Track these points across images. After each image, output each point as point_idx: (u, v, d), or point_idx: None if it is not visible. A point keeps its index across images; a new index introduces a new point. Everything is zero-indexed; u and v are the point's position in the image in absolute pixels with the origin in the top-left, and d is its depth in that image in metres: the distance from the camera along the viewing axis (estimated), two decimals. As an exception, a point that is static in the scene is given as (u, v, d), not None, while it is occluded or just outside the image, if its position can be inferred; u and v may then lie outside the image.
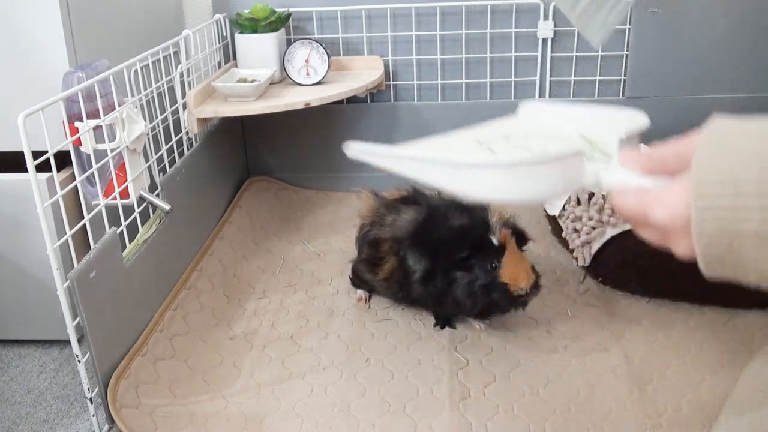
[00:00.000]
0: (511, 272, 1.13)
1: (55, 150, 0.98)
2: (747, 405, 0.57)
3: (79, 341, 1.02)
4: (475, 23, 1.77)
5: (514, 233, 1.16)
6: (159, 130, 1.39)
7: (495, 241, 1.14)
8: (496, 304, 1.16)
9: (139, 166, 1.21)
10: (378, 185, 1.90)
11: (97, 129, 1.09)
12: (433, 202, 1.27)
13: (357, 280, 1.38)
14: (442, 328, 1.26)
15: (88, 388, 1.04)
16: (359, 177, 1.91)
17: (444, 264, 1.17)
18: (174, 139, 1.46)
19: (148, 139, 1.31)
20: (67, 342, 1.29)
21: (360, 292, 1.38)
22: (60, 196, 1.00)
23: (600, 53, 1.77)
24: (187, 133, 1.52)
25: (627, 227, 1.32)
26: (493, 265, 1.13)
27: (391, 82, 1.84)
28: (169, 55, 1.49)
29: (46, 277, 1.23)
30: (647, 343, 1.20)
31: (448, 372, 1.15)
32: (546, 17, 1.74)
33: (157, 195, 1.28)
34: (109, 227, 1.11)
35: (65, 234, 1.01)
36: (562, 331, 1.24)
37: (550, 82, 1.80)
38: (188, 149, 1.52)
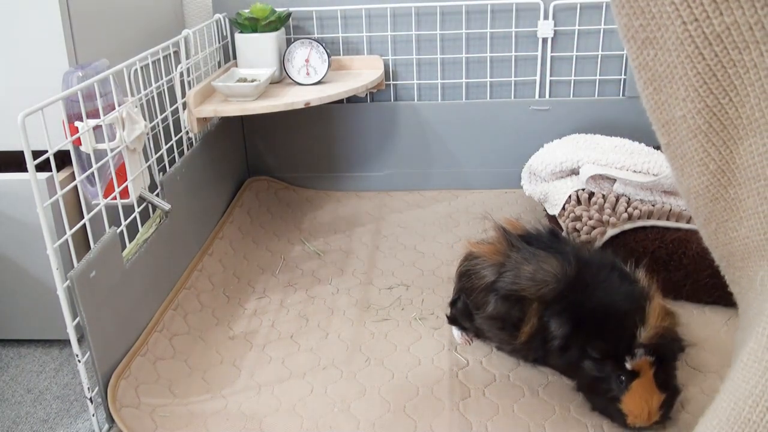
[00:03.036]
0: (634, 404, 0.97)
1: (55, 150, 0.98)
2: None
3: (79, 341, 1.02)
4: (475, 23, 1.77)
5: (660, 357, 0.97)
6: (159, 130, 1.39)
7: (628, 365, 0.96)
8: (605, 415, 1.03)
9: (139, 165, 1.21)
10: (379, 185, 1.91)
11: (97, 129, 1.09)
12: (582, 254, 1.09)
13: (461, 319, 1.20)
14: None
15: (88, 388, 1.04)
16: (359, 177, 1.91)
17: (582, 338, 1.02)
18: (174, 139, 1.46)
19: (148, 138, 1.31)
20: (67, 342, 1.29)
21: (459, 334, 1.22)
22: (60, 196, 1.00)
23: (600, 53, 1.77)
24: (187, 132, 1.52)
25: (627, 227, 1.32)
26: (621, 380, 0.97)
27: (391, 82, 1.84)
28: (169, 54, 1.49)
29: (46, 277, 1.23)
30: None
31: (448, 372, 1.15)
32: (546, 17, 1.74)
33: (157, 195, 1.28)
34: (109, 227, 1.11)
35: (65, 234, 1.01)
36: (562, 331, 1.24)
37: (550, 81, 1.80)
38: (188, 149, 1.52)
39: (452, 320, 1.23)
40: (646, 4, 0.50)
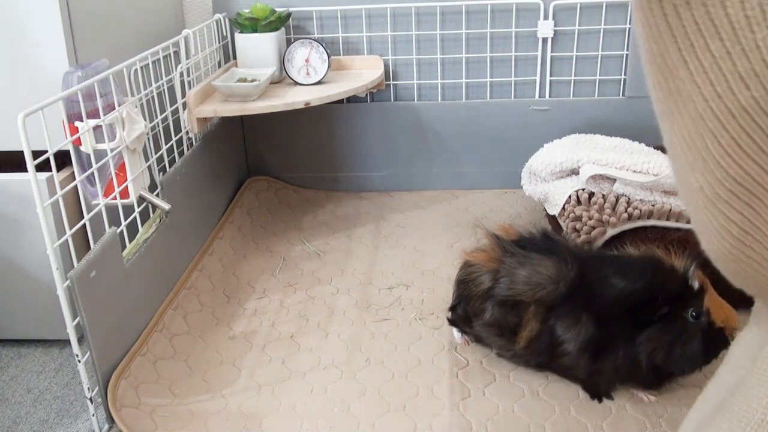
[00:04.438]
0: (722, 313, 0.97)
1: (55, 150, 0.98)
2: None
3: (79, 341, 1.02)
4: (475, 23, 1.77)
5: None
6: (159, 130, 1.39)
7: (696, 284, 0.96)
8: (710, 356, 1.00)
9: (139, 165, 1.21)
10: (379, 185, 1.91)
11: (97, 129, 1.09)
12: (576, 252, 1.07)
13: (461, 324, 1.21)
14: (600, 401, 1.07)
15: (88, 388, 1.04)
16: (359, 177, 1.91)
17: (620, 331, 0.99)
18: (174, 139, 1.46)
19: (148, 138, 1.31)
20: (67, 342, 1.29)
21: (459, 334, 1.23)
22: (60, 196, 1.00)
23: (600, 53, 1.77)
24: (187, 132, 1.52)
25: (627, 227, 1.32)
26: (693, 314, 0.97)
27: (391, 82, 1.84)
28: (169, 54, 1.49)
29: (46, 277, 1.23)
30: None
31: (448, 372, 1.15)
32: (546, 17, 1.74)
33: (157, 195, 1.28)
34: (109, 227, 1.11)
35: (65, 234, 1.01)
36: (562, 331, 1.24)
37: (550, 82, 1.80)
38: (188, 149, 1.52)
39: (452, 322, 1.23)
40: (664, 79, 0.49)
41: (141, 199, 1.22)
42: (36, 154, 0.93)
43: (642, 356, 0.99)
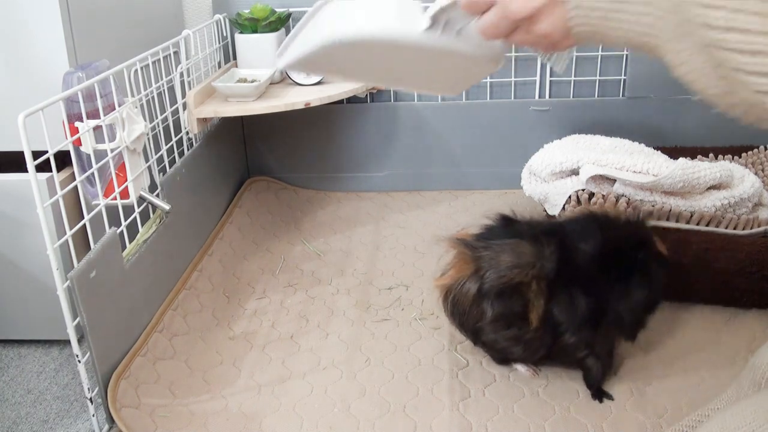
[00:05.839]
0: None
1: (55, 150, 0.98)
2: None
3: (79, 341, 1.02)
4: (475, 23, 1.76)
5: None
6: (159, 130, 1.39)
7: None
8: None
9: (139, 166, 1.21)
10: (379, 185, 1.91)
11: (97, 129, 1.09)
12: (543, 227, 1.07)
13: (497, 355, 1.15)
14: (601, 401, 1.07)
15: (88, 388, 1.04)
16: (359, 177, 1.91)
17: (605, 292, 1.03)
18: (174, 139, 1.46)
19: (148, 139, 1.31)
20: (67, 342, 1.29)
21: (522, 367, 1.15)
22: (60, 196, 1.00)
23: (600, 53, 1.77)
24: (187, 133, 1.52)
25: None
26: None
27: (391, 82, 1.84)
28: (169, 55, 1.49)
29: (46, 277, 1.23)
30: (647, 343, 1.20)
31: (448, 372, 1.15)
32: (546, 17, 1.73)
33: (157, 195, 1.28)
34: (109, 227, 1.11)
35: (65, 234, 1.01)
36: (562, 331, 1.24)
37: (550, 82, 1.80)
38: (188, 149, 1.52)
39: (501, 360, 1.17)
40: None
41: (141, 200, 1.22)
42: (36, 155, 0.93)
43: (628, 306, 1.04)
